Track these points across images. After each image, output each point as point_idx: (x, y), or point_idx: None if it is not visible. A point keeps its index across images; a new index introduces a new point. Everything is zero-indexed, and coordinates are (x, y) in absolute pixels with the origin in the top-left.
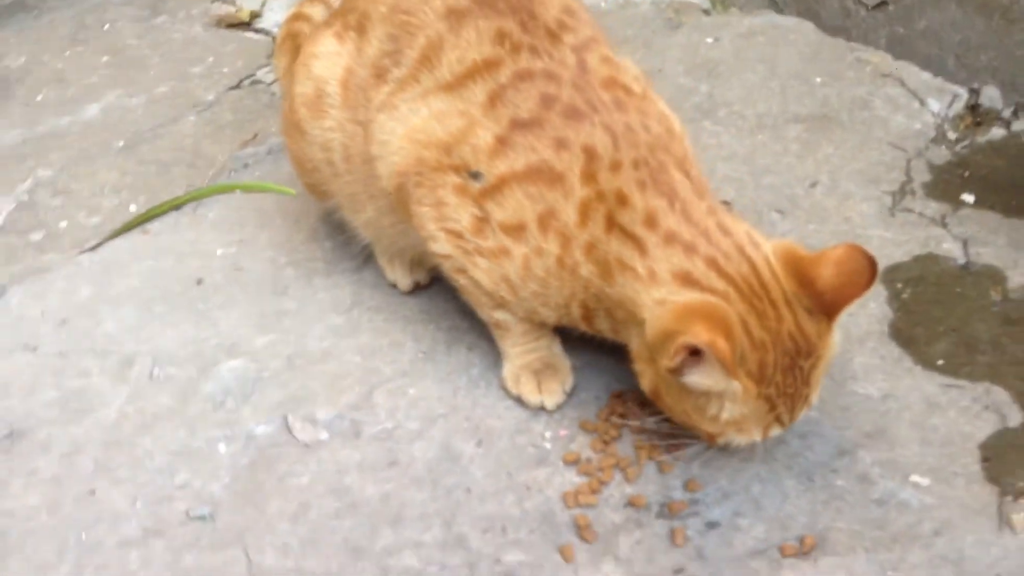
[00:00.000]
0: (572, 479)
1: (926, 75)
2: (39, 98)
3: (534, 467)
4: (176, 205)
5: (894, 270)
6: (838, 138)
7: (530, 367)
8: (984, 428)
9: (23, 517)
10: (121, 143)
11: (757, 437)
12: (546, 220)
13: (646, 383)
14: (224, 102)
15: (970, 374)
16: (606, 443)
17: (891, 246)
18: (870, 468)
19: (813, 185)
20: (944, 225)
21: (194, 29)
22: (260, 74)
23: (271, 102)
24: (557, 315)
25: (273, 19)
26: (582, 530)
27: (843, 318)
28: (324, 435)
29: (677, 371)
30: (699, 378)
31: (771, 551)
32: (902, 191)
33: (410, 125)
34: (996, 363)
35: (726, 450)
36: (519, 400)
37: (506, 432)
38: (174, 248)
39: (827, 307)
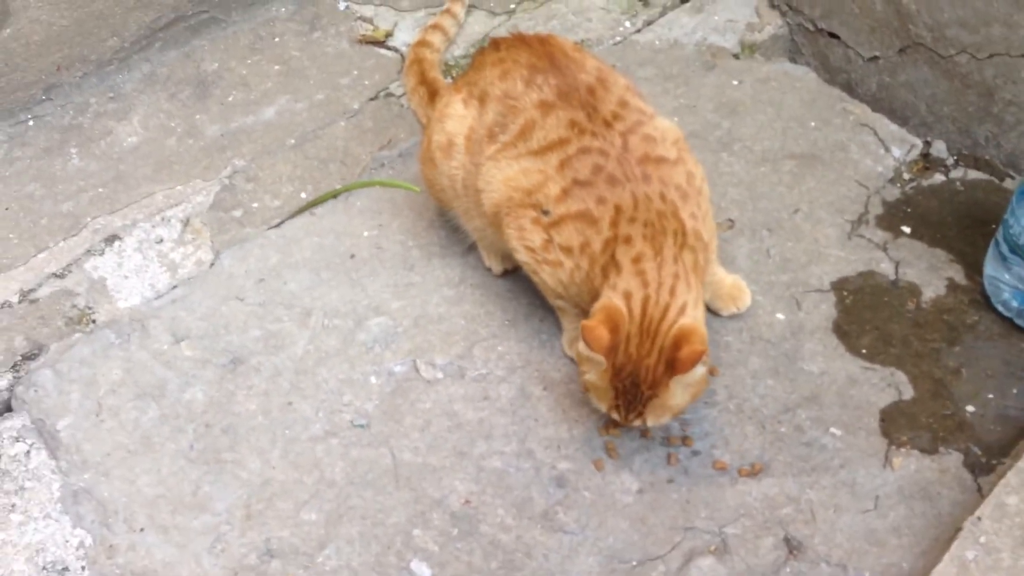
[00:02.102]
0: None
1: (894, 127)
2: (230, 98)
3: (580, 406)
4: (334, 195)
5: (843, 282)
6: (819, 174)
7: (578, 337)
8: (885, 399)
9: (246, 418)
10: (292, 141)
11: (604, 409)
12: (584, 247)
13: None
14: (366, 111)
15: (883, 360)
16: None
17: (844, 263)
18: (804, 421)
19: (796, 211)
20: (884, 250)
21: (342, 44)
22: (392, 87)
23: (400, 112)
24: (588, 307)
25: (402, 38)
26: (610, 451)
27: (800, 316)
28: (440, 375)
29: (579, 337)
30: (583, 347)
31: (732, 472)
32: (859, 220)
33: (506, 175)
34: (902, 354)
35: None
36: (572, 360)
37: (563, 381)
38: (333, 229)
39: (672, 368)
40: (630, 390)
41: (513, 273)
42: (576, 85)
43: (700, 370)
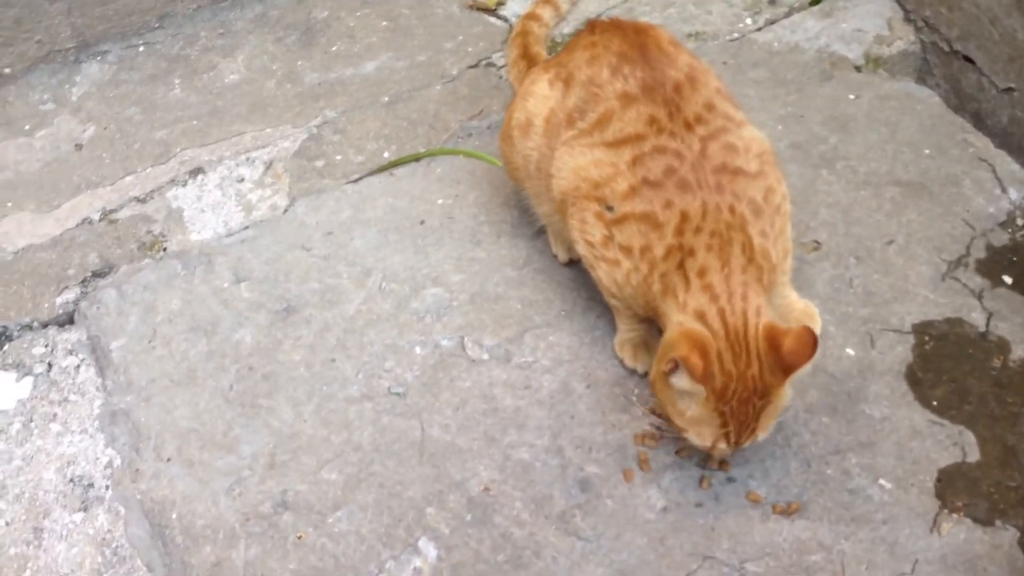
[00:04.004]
0: (644, 426)
1: (1016, 167)
2: (334, 48)
3: (620, 411)
4: (416, 158)
5: (927, 325)
6: (924, 206)
7: (631, 341)
8: (947, 458)
9: (289, 367)
10: (386, 99)
11: (707, 444)
12: (644, 250)
13: (651, 375)
14: (463, 78)
15: (953, 417)
16: None
17: (931, 306)
18: (853, 466)
19: (890, 242)
20: (979, 298)
21: (452, 8)
22: (494, 57)
23: (498, 84)
24: (642, 311)
25: (514, 9)
26: (642, 462)
27: (872, 354)
28: (486, 356)
29: (667, 373)
30: (678, 380)
31: (766, 506)
32: (958, 262)
33: (577, 163)
34: (976, 413)
35: (691, 450)
36: (621, 361)
37: (608, 382)
38: (409, 192)
39: (784, 367)
40: (740, 408)
41: (578, 264)
42: (663, 80)
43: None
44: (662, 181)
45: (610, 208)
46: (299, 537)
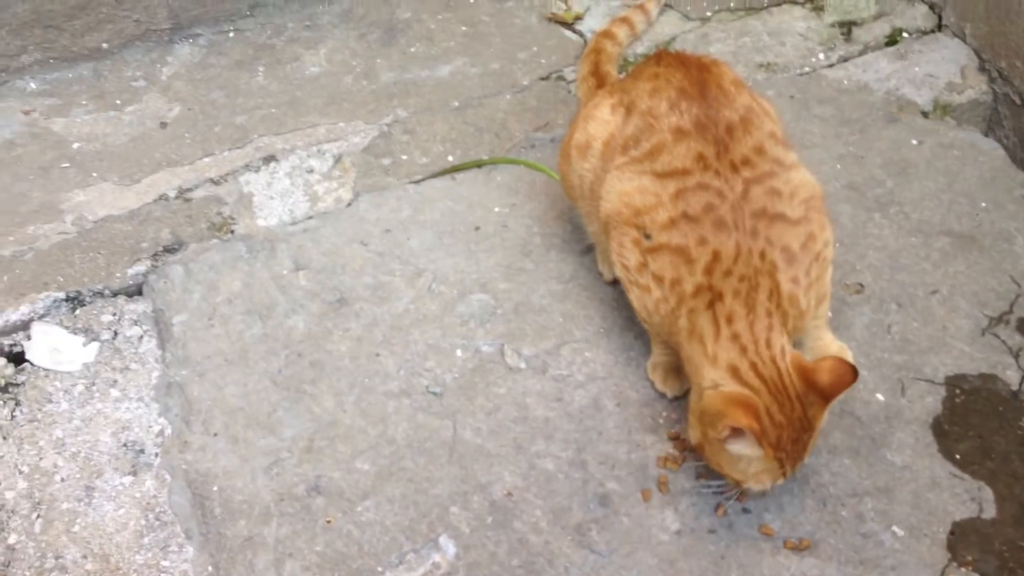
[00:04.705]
0: (668, 449)
1: None
2: (412, 49)
3: (646, 432)
4: (479, 164)
5: (960, 379)
6: (972, 259)
7: (663, 365)
8: (963, 512)
9: (335, 356)
10: (456, 103)
11: (768, 486)
12: (675, 283)
13: (694, 436)
14: (533, 89)
15: (974, 472)
16: None
17: (967, 359)
18: (868, 511)
19: (934, 292)
20: (1016, 356)
21: (531, 18)
22: (566, 71)
23: (566, 98)
24: (667, 339)
25: (590, 24)
26: (661, 484)
27: (901, 402)
28: (523, 365)
29: (722, 441)
30: (738, 447)
31: (777, 540)
32: (1000, 319)
33: (623, 188)
34: (997, 471)
35: (710, 474)
36: (652, 384)
37: (638, 402)
38: (468, 197)
39: (825, 396)
40: (793, 448)
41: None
42: (716, 120)
43: None
44: (700, 217)
45: (648, 236)
46: (328, 521)
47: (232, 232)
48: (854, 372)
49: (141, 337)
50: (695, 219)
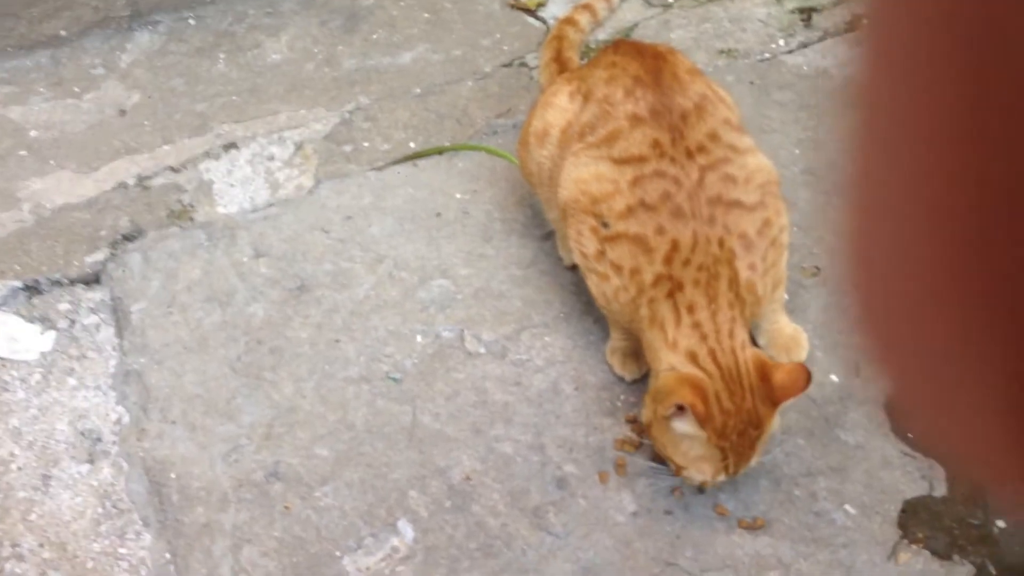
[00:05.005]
0: (625, 432)
1: None
2: (374, 36)
3: (604, 415)
4: (440, 151)
5: None
6: None
7: (621, 349)
8: (914, 490)
9: (295, 343)
10: (418, 90)
11: (708, 477)
12: (634, 271)
13: (645, 415)
14: (496, 76)
15: (926, 451)
16: None
17: None
18: (821, 489)
19: None
20: None
21: (493, 5)
22: (528, 58)
23: (528, 84)
24: (627, 326)
25: (553, 10)
26: (618, 467)
27: (855, 382)
28: (482, 350)
29: (668, 418)
30: (681, 425)
31: (732, 520)
32: None
33: (579, 175)
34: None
35: (687, 482)
36: (610, 368)
37: (596, 386)
38: (430, 184)
39: (774, 398)
40: (738, 440)
41: None
42: (671, 107)
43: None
44: (658, 206)
45: (606, 224)
46: (286, 507)
47: (192, 220)
48: (807, 381)
49: (99, 325)
50: (653, 207)
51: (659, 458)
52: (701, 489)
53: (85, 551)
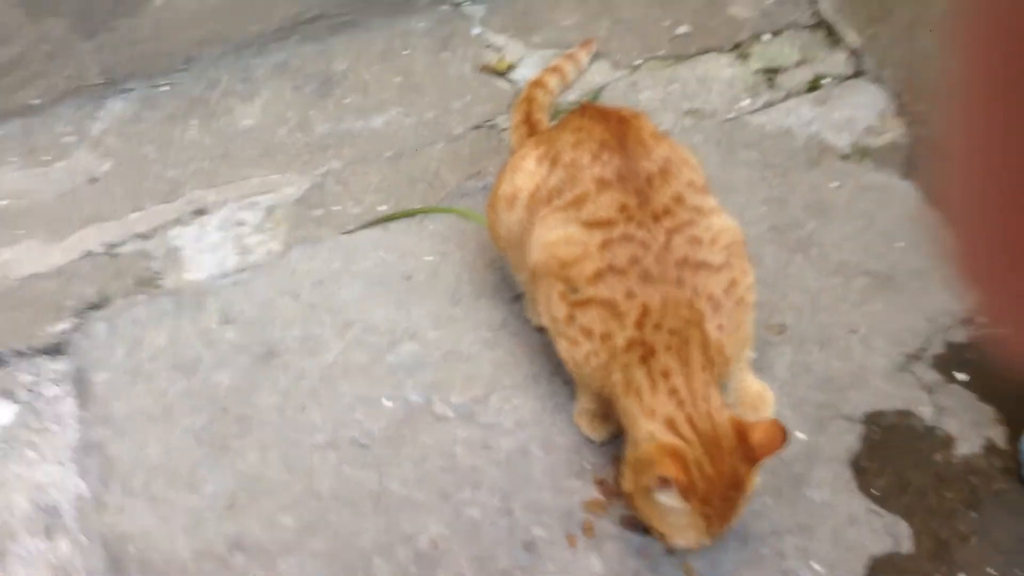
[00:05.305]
0: (593, 494)
1: None
2: (347, 101)
3: (573, 477)
4: (411, 214)
5: (878, 415)
6: (890, 299)
7: (589, 411)
8: (880, 547)
9: (261, 410)
10: (390, 153)
11: (692, 544)
12: (605, 336)
13: (626, 485)
14: (467, 138)
15: (891, 507)
16: (618, 482)
17: (884, 397)
18: (789, 548)
19: (853, 332)
20: (931, 392)
21: (464, 68)
22: (498, 120)
23: (498, 146)
24: (598, 391)
25: (523, 73)
26: (586, 529)
27: (821, 439)
28: (451, 414)
29: (651, 489)
30: (665, 498)
31: None
32: (915, 356)
33: (548, 239)
34: (914, 506)
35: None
36: (579, 429)
37: (565, 448)
38: (400, 246)
39: (753, 457)
40: (721, 505)
41: None
42: (636, 171)
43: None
44: (626, 269)
45: (574, 290)
46: None
47: (159, 287)
48: (784, 436)
49: (61, 397)
50: (622, 271)
51: (630, 521)
52: (671, 551)
53: None
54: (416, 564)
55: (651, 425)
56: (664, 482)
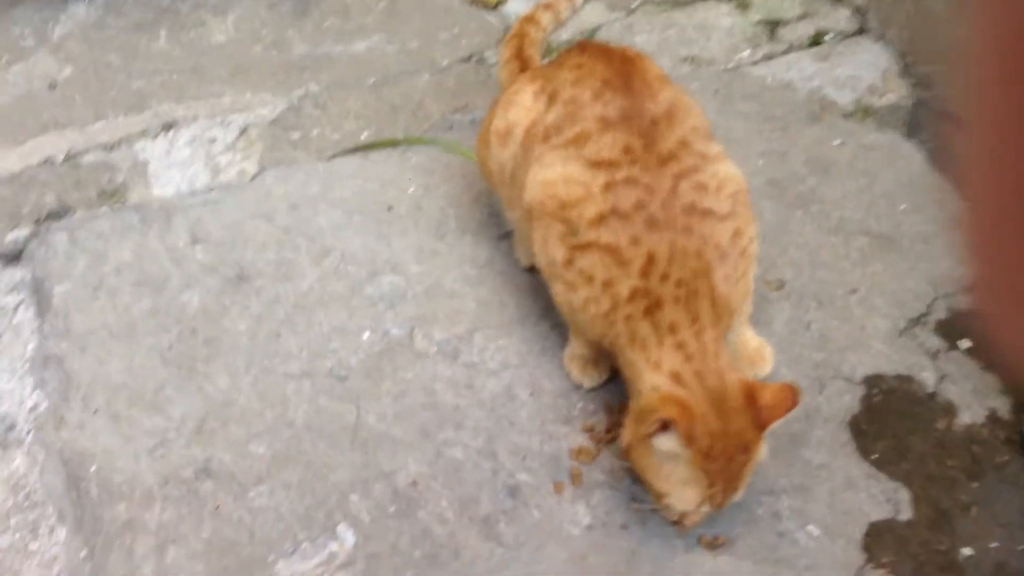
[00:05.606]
0: (582, 441)
1: None
2: (326, 23)
3: (560, 423)
4: (393, 144)
5: (877, 379)
6: (891, 260)
7: (581, 356)
8: (879, 513)
9: (232, 334)
10: (372, 80)
11: (691, 507)
12: (607, 284)
13: (624, 438)
14: (453, 70)
15: (891, 472)
16: (608, 430)
17: (884, 360)
18: (785, 509)
19: (853, 291)
20: (934, 358)
21: (452, 0)
22: (487, 54)
23: (486, 80)
24: (595, 340)
25: (514, 8)
26: (574, 477)
27: (820, 399)
28: (433, 349)
29: (650, 435)
30: (664, 442)
31: (691, 537)
32: (917, 320)
33: (546, 177)
34: (914, 472)
35: (666, 515)
36: (568, 374)
37: (552, 393)
38: (381, 176)
39: (762, 420)
40: (726, 466)
41: (538, 271)
42: (641, 112)
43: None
44: (631, 215)
45: (575, 232)
46: (217, 507)
47: (124, 201)
48: (794, 401)
49: (17, 306)
50: (626, 216)
51: (635, 499)
52: (677, 522)
53: None
54: (395, 502)
55: (657, 378)
56: (664, 426)
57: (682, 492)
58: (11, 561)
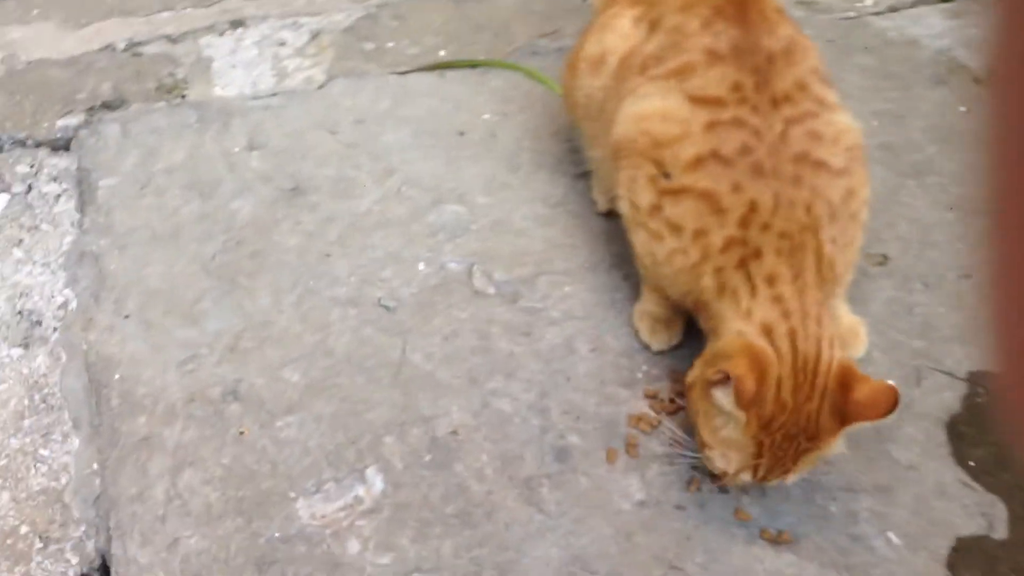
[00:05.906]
0: (643, 408)
1: None
2: None
3: (621, 386)
4: (473, 64)
5: (983, 376)
6: None
7: (652, 314)
8: (970, 528)
9: (281, 250)
10: None
11: (732, 469)
12: (699, 234)
13: (690, 374)
14: None
15: (988, 484)
16: (672, 400)
17: None
18: (863, 510)
19: (965, 276)
20: None
21: None
22: None
23: (579, 7)
24: (674, 297)
25: None
26: (630, 446)
27: (916, 392)
28: (492, 290)
29: (711, 384)
30: (722, 396)
31: (753, 528)
32: None
33: (640, 110)
34: (1013, 487)
35: (706, 464)
36: (636, 333)
37: (616, 351)
38: (456, 98)
39: (846, 415)
40: (782, 443)
41: (617, 216)
42: (757, 47)
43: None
44: (734, 159)
45: (667, 175)
46: (241, 432)
47: (183, 97)
48: (892, 406)
49: (59, 196)
50: (728, 160)
51: (678, 442)
52: (724, 488)
53: (0, 445)
54: (431, 451)
55: (745, 326)
56: (725, 379)
57: (726, 451)
58: (17, 466)
